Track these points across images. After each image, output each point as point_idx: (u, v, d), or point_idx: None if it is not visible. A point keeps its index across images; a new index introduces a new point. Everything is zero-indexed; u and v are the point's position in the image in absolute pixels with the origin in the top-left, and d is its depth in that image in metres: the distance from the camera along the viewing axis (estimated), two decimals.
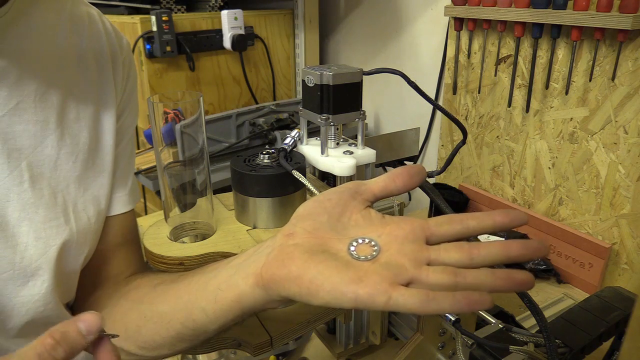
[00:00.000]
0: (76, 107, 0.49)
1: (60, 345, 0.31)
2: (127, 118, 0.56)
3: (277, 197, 0.54)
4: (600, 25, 0.81)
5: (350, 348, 0.69)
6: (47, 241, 0.46)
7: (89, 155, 0.50)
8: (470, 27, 1.05)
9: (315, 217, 0.39)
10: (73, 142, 0.49)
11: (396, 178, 0.40)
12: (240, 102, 1.52)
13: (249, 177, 0.54)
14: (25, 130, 0.45)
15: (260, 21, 1.49)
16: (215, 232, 0.55)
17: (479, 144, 1.13)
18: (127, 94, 0.56)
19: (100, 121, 0.52)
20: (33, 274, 0.45)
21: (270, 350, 0.56)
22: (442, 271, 0.33)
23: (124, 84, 0.55)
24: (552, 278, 0.95)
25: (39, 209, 0.45)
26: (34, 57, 0.46)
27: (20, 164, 0.45)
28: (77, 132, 0.49)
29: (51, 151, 0.47)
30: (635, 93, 0.82)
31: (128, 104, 0.56)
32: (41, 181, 0.46)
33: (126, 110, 0.56)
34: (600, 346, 0.58)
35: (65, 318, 0.49)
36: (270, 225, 0.56)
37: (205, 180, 0.53)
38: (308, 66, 0.61)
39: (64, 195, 0.48)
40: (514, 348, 0.51)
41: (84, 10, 0.52)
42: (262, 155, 0.56)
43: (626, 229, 0.88)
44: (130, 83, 0.56)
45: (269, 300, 0.38)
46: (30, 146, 0.45)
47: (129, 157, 0.57)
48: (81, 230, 0.49)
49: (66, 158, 0.48)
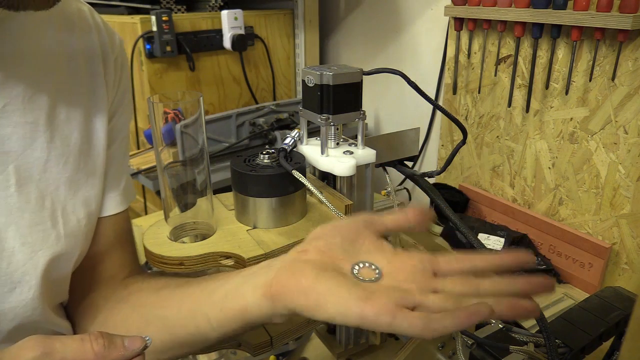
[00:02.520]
0: (66, 108, 0.48)
1: (102, 339, 0.33)
2: (120, 118, 0.55)
3: (277, 197, 0.54)
4: (600, 25, 0.81)
5: (350, 348, 0.69)
6: (33, 246, 0.45)
7: (80, 156, 0.49)
8: (470, 27, 1.05)
9: (329, 238, 0.40)
10: (63, 144, 0.48)
11: (409, 216, 0.41)
12: (240, 102, 1.52)
13: (249, 177, 0.54)
14: (13, 133, 0.44)
15: (260, 21, 1.49)
16: (215, 232, 0.55)
17: (479, 144, 1.13)
18: (120, 93, 0.55)
19: (91, 122, 0.51)
20: (20, 280, 0.44)
21: (270, 350, 0.56)
22: (447, 298, 0.34)
23: (117, 83, 0.54)
24: (552, 278, 0.95)
25: (25, 213, 0.45)
26: (21, 57, 0.45)
27: (7, 167, 0.44)
28: (67, 133, 0.48)
29: (40, 153, 0.46)
30: (635, 93, 0.82)
31: (121, 104, 0.55)
32: (29, 184, 0.45)
33: (119, 111, 0.55)
34: (600, 346, 0.58)
35: (55, 322, 0.50)
36: (270, 225, 0.56)
37: (205, 180, 0.53)
38: (308, 66, 0.61)
39: (53, 198, 0.47)
40: (514, 348, 0.51)
41: (75, 6, 0.50)
42: (262, 155, 0.56)
43: (626, 229, 0.88)
44: (123, 83, 0.55)
45: (274, 314, 0.38)
46: (18, 149, 0.44)
47: (122, 158, 0.56)
48: (70, 233, 0.48)
49: (56, 160, 0.47)
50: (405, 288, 0.35)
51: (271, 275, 0.39)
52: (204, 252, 0.51)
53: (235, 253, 0.51)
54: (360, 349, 0.70)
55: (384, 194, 0.69)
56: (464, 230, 0.56)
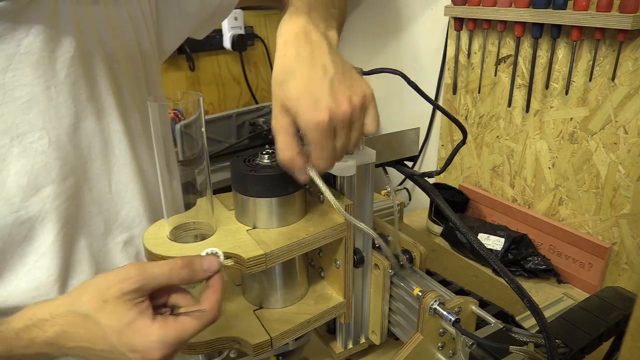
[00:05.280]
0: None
1: (186, 269, 0.41)
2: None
3: (277, 197, 0.54)
4: (600, 25, 0.81)
5: (350, 348, 0.69)
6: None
7: None
8: (470, 27, 1.05)
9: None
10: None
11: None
12: (240, 102, 1.52)
13: (249, 177, 0.54)
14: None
15: (260, 21, 1.49)
16: (215, 232, 0.55)
17: (479, 144, 1.13)
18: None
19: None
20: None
21: (270, 350, 0.56)
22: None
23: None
24: (552, 278, 0.95)
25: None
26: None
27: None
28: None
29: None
30: (635, 93, 0.82)
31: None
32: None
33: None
34: (600, 346, 0.58)
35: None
36: (270, 225, 0.56)
37: (205, 180, 0.53)
38: None
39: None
40: (514, 348, 0.51)
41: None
42: (262, 155, 0.56)
43: (626, 229, 0.88)
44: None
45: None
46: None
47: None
48: None
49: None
50: None
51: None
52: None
53: (235, 253, 0.51)
54: (360, 349, 0.70)
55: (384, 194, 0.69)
56: (464, 230, 0.56)
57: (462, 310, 0.55)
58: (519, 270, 0.94)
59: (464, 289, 0.74)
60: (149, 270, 0.40)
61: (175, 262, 0.41)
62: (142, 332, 0.38)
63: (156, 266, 0.41)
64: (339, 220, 0.57)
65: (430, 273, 0.72)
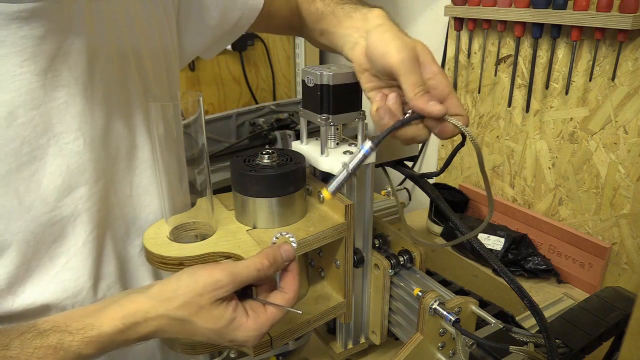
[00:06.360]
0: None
1: (272, 267, 0.46)
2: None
3: (277, 197, 0.54)
4: (600, 25, 0.81)
5: (350, 348, 0.69)
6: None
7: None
8: (470, 27, 1.05)
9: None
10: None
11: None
12: (240, 102, 1.52)
13: (249, 177, 0.54)
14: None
15: None
16: (215, 232, 0.55)
17: (479, 144, 1.13)
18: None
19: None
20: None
21: (270, 350, 0.56)
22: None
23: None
24: (552, 278, 0.95)
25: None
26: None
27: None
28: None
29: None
30: (635, 93, 0.82)
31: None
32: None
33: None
34: (600, 346, 0.58)
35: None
36: (270, 225, 0.56)
37: (205, 180, 0.53)
38: (308, 66, 0.61)
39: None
40: (514, 348, 0.51)
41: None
42: (262, 155, 0.56)
43: (626, 229, 0.88)
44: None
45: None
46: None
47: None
48: None
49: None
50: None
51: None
52: (203, 252, 0.51)
53: (235, 253, 0.51)
54: (360, 349, 0.70)
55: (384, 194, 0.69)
56: (464, 230, 0.56)
57: (462, 310, 0.55)
58: (519, 270, 0.94)
59: (464, 289, 0.74)
60: (238, 277, 0.44)
61: (262, 263, 0.45)
62: (241, 329, 0.44)
63: (245, 270, 0.44)
64: (339, 220, 0.57)
65: (430, 273, 0.72)
